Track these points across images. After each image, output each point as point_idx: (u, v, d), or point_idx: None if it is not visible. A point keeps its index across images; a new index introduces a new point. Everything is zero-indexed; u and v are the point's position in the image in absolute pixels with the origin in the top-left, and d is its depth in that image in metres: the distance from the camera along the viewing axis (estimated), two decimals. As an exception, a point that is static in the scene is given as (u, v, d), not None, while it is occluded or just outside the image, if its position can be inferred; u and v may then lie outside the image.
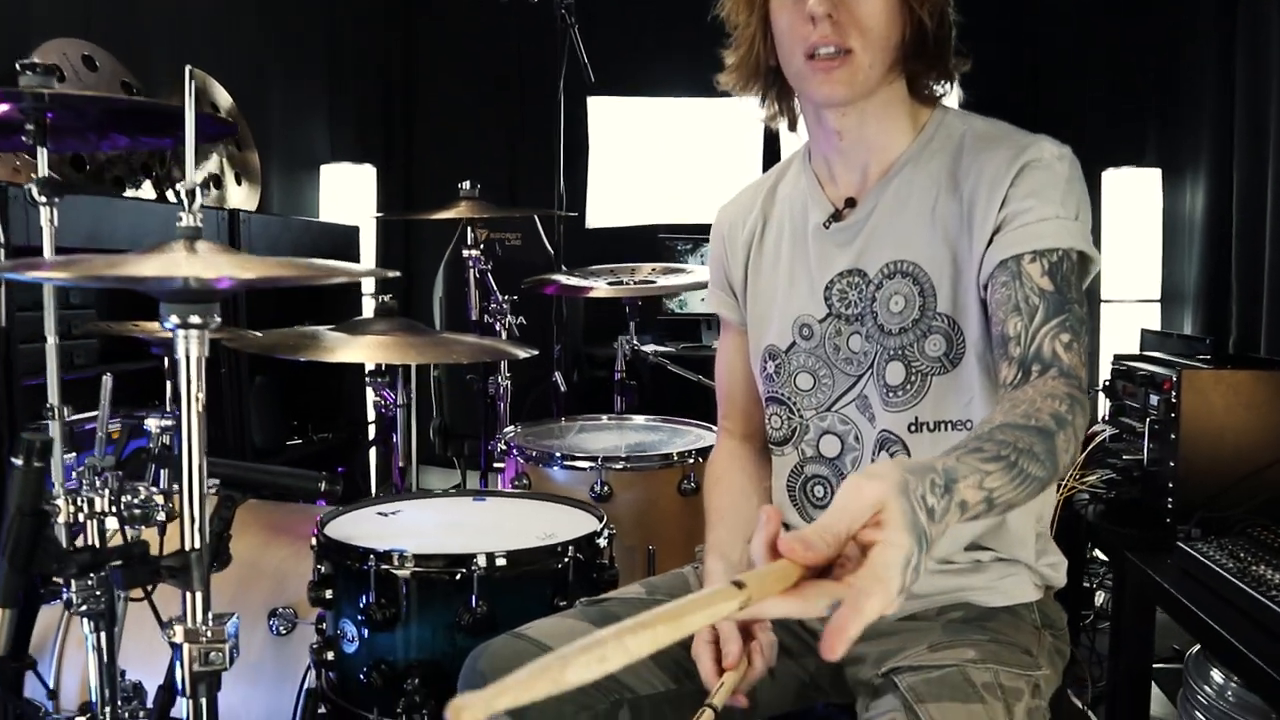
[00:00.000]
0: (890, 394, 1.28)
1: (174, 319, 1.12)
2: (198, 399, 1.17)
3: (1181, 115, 3.60)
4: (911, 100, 1.32)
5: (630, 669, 1.28)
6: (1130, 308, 3.77)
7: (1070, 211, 1.18)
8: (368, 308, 3.86)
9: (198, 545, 1.16)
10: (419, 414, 4.23)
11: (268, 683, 1.81)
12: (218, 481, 1.43)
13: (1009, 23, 3.85)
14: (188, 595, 1.18)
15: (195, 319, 1.13)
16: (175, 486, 1.20)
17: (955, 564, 1.30)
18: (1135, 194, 3.70)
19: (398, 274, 1.17)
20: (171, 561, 1.17)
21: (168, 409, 1.94)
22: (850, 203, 1.34)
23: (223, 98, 3.55)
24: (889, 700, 1.17)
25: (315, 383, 3.79)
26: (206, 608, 1.19)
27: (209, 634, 1.18)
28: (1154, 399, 2.28)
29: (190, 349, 1.15)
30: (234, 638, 1.21)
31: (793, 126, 1.44)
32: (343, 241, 3.89)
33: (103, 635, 1.53)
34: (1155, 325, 3.71)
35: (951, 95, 1.37)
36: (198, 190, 1.14)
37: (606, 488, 2.05)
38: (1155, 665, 2.20)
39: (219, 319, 1.15)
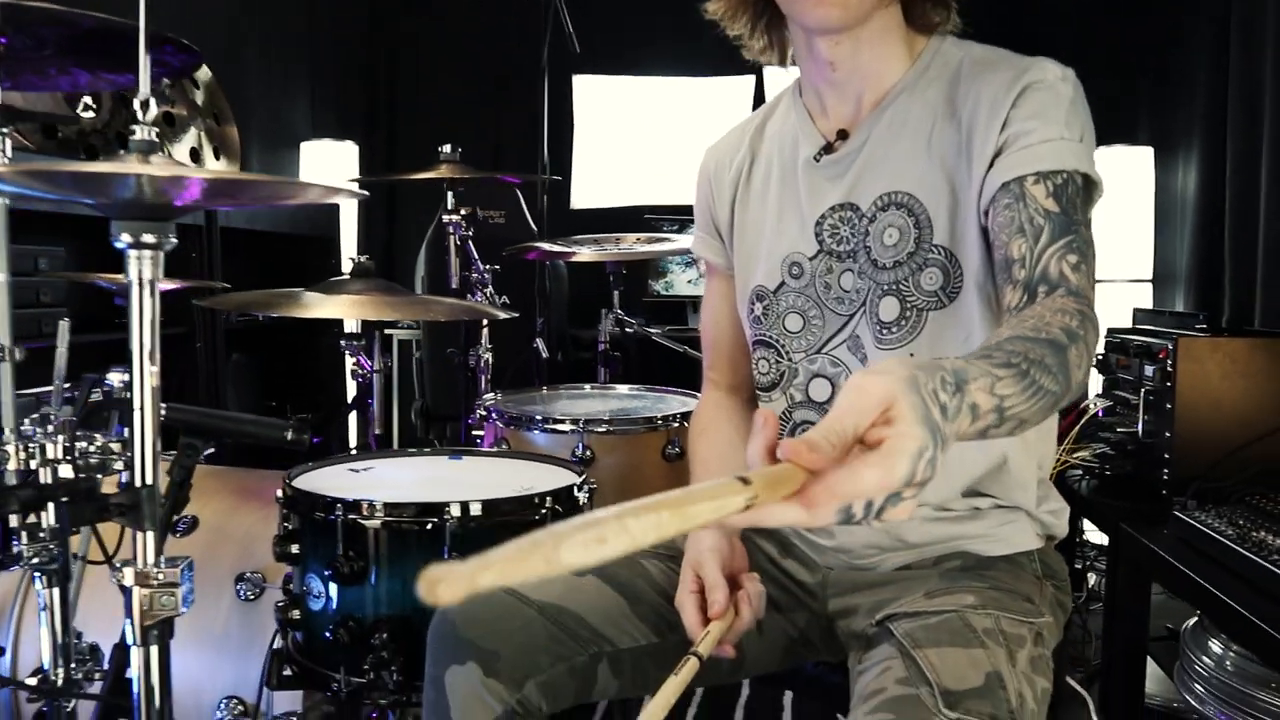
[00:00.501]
0: (884, 330, 1.22)
1: (125, 237, 1.06)
2: (150, 327, 1.10)
3: (1174, 93, 3.56)
4: (907, 28, 1.27)
5: (611, 620, 1.23)
6: (1122, 287, 3.72)
7: (1075, 133, 1.13)
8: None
9: (149, 480, 1.10)
10: (401, 396, 4.18)
11: (234, 650, 1.75)
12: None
13: (1003, 4, 3.82)
14: (139, 536, 1.11)
15: (149, 238, 1.06)
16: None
17: (952, 511, 1.24)
18: (1127, 173, 3.65)
19: (365, 193, 1.10)
20: (121, 499, 1.10)
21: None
22: (842, 135, 1.28)
23: (201, 71, 3.47)
24: (884, 649, 1.11)
25: (293, 360, 3.73)
26: (159, 550, 1.13)
27: (161, 576, 1.11)
28: (1149, 369, 2.24)
29: (143, 272, 1.08)
30: (187, 583, 1.14)
31: (783, 61, 1.38)
32: (323, 218, 3.82)
33: (55, 593, 1.46)
34: (1147, 305, 3.66)
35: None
36: (153, 103, 1.07)
37: (588, 451, 1.98)
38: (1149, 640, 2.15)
39: (174, 240, 1.09)
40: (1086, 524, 2.75)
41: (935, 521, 1.24)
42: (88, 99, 1.85)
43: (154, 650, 1.14)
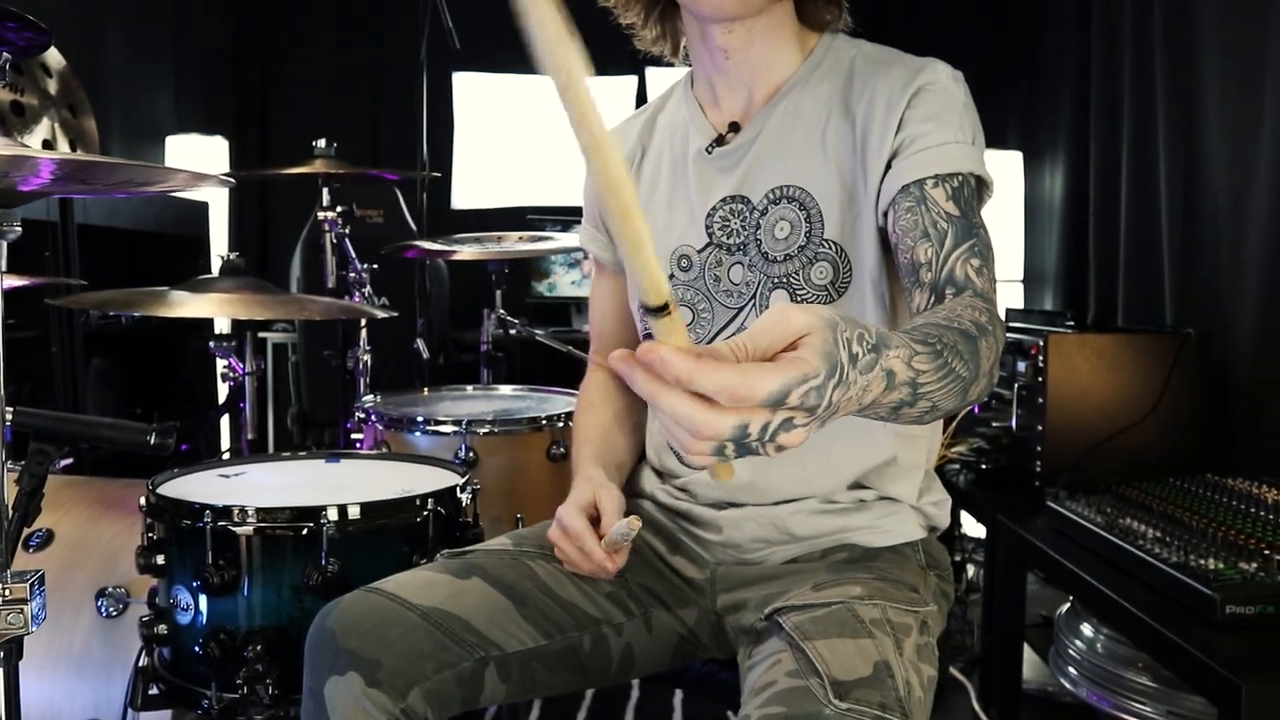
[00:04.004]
0: None
1: (-37, 224, 0.98)
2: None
3: (1041, 101, 3.70)
4: (799, 24, 1.27)
5: (497, 624, 1.19)
6: (993, 288, 3.84)
7: (968, 135, 1.15)
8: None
9: (-7, 488, 1.01)
10: (277, 400, 4.04)
11: (95, 670, 1.64)
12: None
13: (874, 11, 3.88)
14: (-18, 549, 1.03)
15: (-11, 226, 0.98)
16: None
17: (838, 504, 1.25)
18: (998, 177, 3.74)
19: (232, 181, 1.04)
20: (-39, 508, 1.02)
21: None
22: (734, 127, 1.28)
23: (53, 57, 3.28)
24: (774, 642, 1.11)
25: (159, 365, 3.55)
26: (6, 563, 1.05)
27: (7, 593, 1.03)
28: (1022, 365, 2.31)
29: (-15, 262, 1.00)
30: (40, 597, 1.06)
31: (675, 51, 1.37)
32: (191, 215, 3.66)
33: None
34: (1019, 304, 3.79)
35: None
36: (-7, 78, 0.99)
37: (472, 453, 1.93)
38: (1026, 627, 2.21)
39: (19, 228, 1.01)
40: (965, 517, 2.82)
41: (821, 514, 1.24)
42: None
43: (0, 673, 1.05)
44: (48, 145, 3.20)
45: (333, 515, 1.35)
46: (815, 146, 1.22)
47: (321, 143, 2.47)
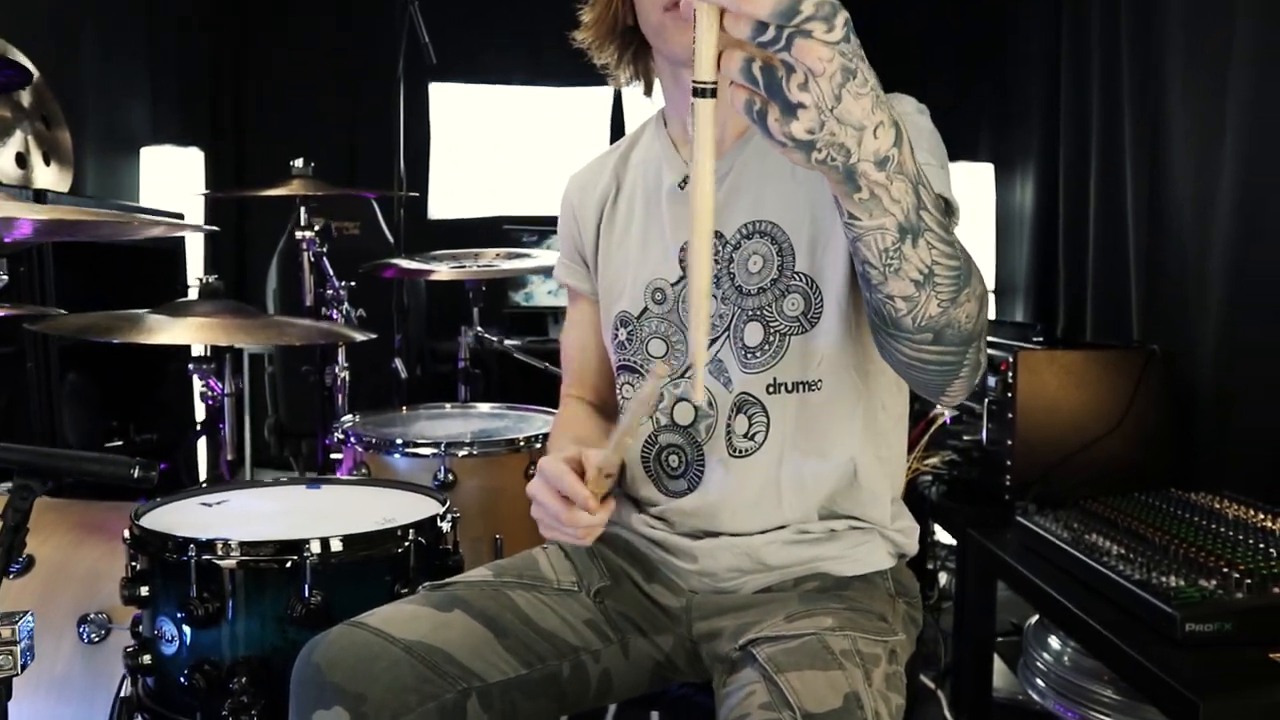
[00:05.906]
0: (749, 355, 1.26)
1: (-50, 276, 0.99)
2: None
3: (1012, 113, 3.74)
4: None
5: (479, 655, 1.22)
6: (965, 298, 3.88)
7: (937, 159, 1.18)
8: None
9: (-20, 532, 1.03)
10: (254, 411, 4.04)
11: (78, 697, 1.65)
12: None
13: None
14: (-30, 591, 1.05)
15: (-24, 276, 1.00)
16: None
17: (810, 534, 1.28)
18: (969, 189, 3.83)
19: (216, 229, 1.06)
20: (-51, 552, 1.03)
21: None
22: None
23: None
24: (748, 673, 1.14)
25: (135, 379, 3.54)
26: (-6, 605, 1.06)
27: (-3, 634, 1.05)
28: (992, 380, 2.35)
29: (-29, 311, 1.02)
30: (27, 639, 1.08)
31: (648, 90, 1.40)
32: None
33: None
34: (990, 315, 3.84)
35: None
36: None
37: (450, 475, 1.95)
38: (996, 638, 2.26)
39: (5, 277, 1.03)
40: (938, 526, 2.86)
41: (794, 544, 1.28)
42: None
43: (-11, 712, 1.07)
44: (21, 159, 3.19)
45: (315, 548, 1.38)
46: (786, 181, 1.25)
47: (299, 162, 2.48)
